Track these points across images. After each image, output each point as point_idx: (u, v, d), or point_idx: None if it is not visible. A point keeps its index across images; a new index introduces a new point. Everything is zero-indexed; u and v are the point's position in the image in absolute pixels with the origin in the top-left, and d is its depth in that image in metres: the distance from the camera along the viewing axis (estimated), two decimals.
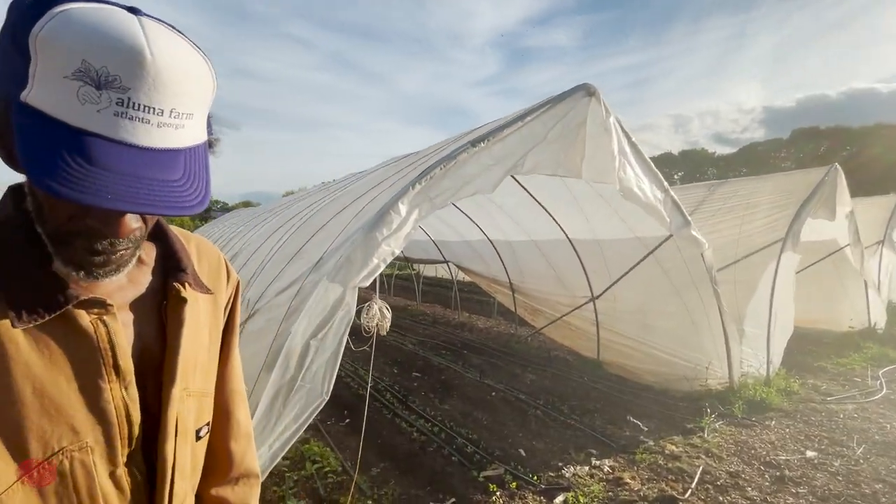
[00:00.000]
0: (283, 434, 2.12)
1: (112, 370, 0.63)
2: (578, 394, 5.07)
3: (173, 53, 0.51)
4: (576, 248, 5.70)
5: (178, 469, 0.73)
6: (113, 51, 0.46)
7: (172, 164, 0.53)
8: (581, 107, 3.22)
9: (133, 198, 0.48)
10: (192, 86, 0.53)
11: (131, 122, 0.49)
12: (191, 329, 0.75)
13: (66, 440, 0.59)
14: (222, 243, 8.18)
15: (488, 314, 10.16)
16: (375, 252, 2.37)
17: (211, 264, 0.86)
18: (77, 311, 0.61)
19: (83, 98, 0.47)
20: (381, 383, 5.39)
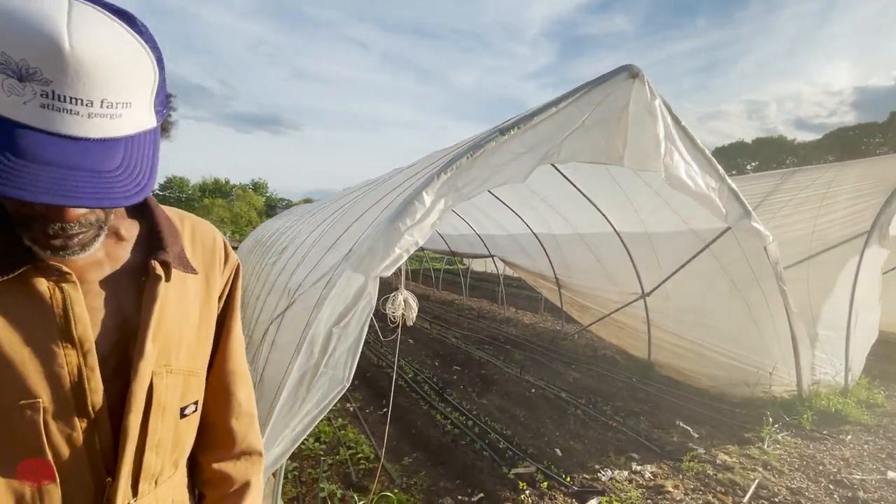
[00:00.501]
0: (304, 418, 2.17)
1: (66, 335, 0.65)
2: (624, 394, 4.82)
3: (98, 42, 0.49)
4: (624, 241, 5.41)
5: (151, 443, 0.74)
6: (30, 43, 0.46)
7: (109, 153, 0.53)
8: (623, 90, 3.02)
9: (59, 190, 0.49)
10: (122, 74, 0.52)
11: (59, 114, 0.49)
12: (171, 307, 0.76)
13: (16, 395, 0.62)
14: (278, 236, 8.62)
15: (535, 310, 9.95)
16: (398, 242, 2.37)
17: (206, 246, 0.87)
18: (37, 278, 0.64)
19: (8, 90, 0.47)
20: (420, 375, 5.43)
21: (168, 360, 0.76)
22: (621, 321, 6.18)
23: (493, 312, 10.01)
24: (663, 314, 5.45)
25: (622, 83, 3.00)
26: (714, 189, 3.48)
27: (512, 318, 9.20)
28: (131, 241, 0.76)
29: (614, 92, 3.00)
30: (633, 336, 6.05)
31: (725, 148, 51.73)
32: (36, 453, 0.64)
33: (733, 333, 4.59)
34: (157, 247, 0.76)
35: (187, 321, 0.80)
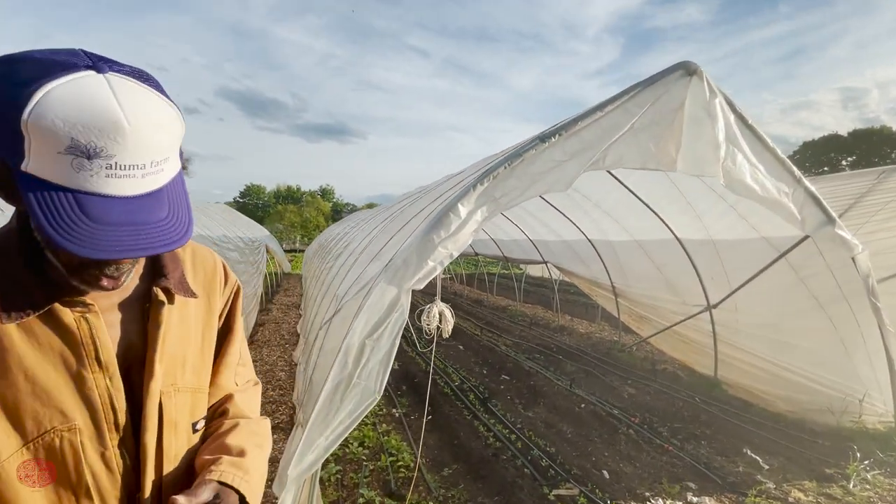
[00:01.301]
0: (337, 427, 2.21)
1: (95, 362, 0.71)
2: (684, 415, 4.47)
3: (146, 114, 0.57)
4: (686, 249, 5.03)
5: (168, 458, 0.80)
6: (96, 128, 0.53)
7: (159, 203, 0.61)
8: (677, 89, 2.80)
9: (137, 246, 0.58)
10: (165, 136, 0.59)
11: (120, 180, 0.57)
12: (174, 330, 0.81)
13: (56, 421, 0.69)
14: (336, 241, 8.99)
15: (592, 318, 9.55)
16: (431, 255, 2.35)
17: (206, 271, 0.92)
18: (62, 309, 0.69)
19: (77, 167, 0.54)
20: (466, 383, 5.38)
21: (174, 379, 0.81)
22: (684, 334, 5.75)
23: (547, 320, 9.73)
24: (732, 329, 5.00)
25: (676, 82, 2.78)
26: (787, 193, 3.12)
27: (566, 327, 8.89)
28: (139, 271, 0.80)
29: (668, 92, 2.79)
30: (697, 351, 5.60)
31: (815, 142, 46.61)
32: (75, 474, 0.70)
33: (816, 353, 4.10)
34: (159, 274, 0.81)
35: (190, 342, 0.85)
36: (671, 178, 4.22)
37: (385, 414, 4.46)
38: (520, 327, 9.04)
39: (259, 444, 0.90)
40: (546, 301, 12.26)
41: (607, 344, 7.45)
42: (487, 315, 10.43)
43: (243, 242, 8.74)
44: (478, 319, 9.76)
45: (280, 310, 9.81)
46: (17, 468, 0.67)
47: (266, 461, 0.91)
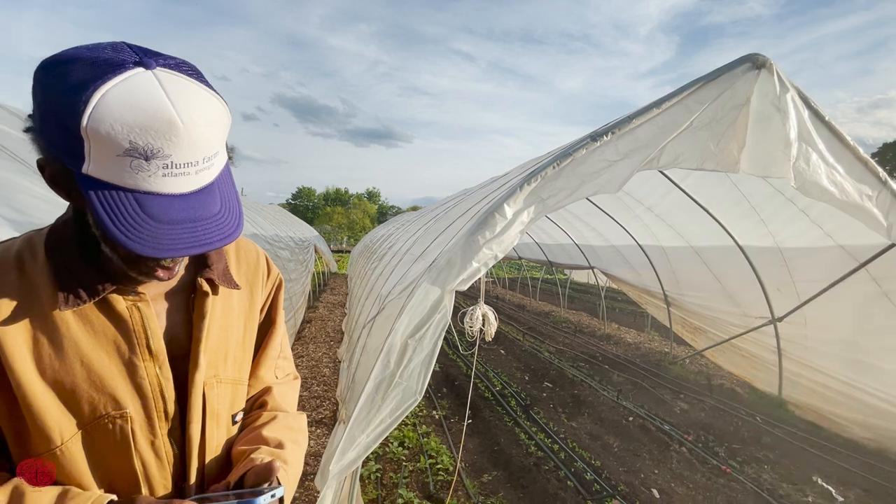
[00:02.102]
0: (378, 426, 2.21)
1: (146, 350, 0.73)
2: (744, 435, 4.15)
3: (198, 111, 0.57)
4: (748, 256, 4.68)
5: (210, 448, 0.80)
6: (152, 129, 0.54)
7: (212, 197, 0.62)
8: (743, 84, 2.61)
9: (196, 242, 0.59)
10: (215, 132, 0.60)
11: (176, 179, 0.58)
12: (217, 321, 0.82)
13: (110, 407, 0.70)
14: (380, 243, 9.16)
15: (640, 327, 9.14)
16: (475, 256, 2.30)
17: (249, 263, 0.92)
18: (116, 297, 0.71)
19: (135, 168, 0.55)
20: (508, 388, 5.28)
21: (217, 370, 0.81)
22: (744, 348, 5.36)
23: (593, 327, 9.41)
24: (800, 344, 4.60)
25: (742, 76, 2.59)
26: (870, 197, 2.82)
27: (613, 335, 8.55)
28: (185, 262, 0.81)
29: (732, 87, 2.60)
30: (758, 367, 5.20)
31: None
32: (126, 461, 0.72)
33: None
34: (203, 265, 0.81)
35: (232, 334, 0.85)
36: (733, 179, 3.95)
37: (425, 415, 4.45)
38: (563, 334, 8.79)
39: (295, 440, 0.89)
40: (591, 308, 11.88)
41: (657, 355, 7.08)
42: (530, 320, 10.23)
43: (294, 242, 9.08)
44: (520, 324, 9.59)
45: (326, 308, 10.10)
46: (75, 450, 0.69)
47: (302, 457, 0.90)
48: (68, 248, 0.70)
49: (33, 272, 0.69)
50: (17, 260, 0.70)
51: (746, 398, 5.11)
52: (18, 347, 0.66)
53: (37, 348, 0.67)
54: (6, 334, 0.65)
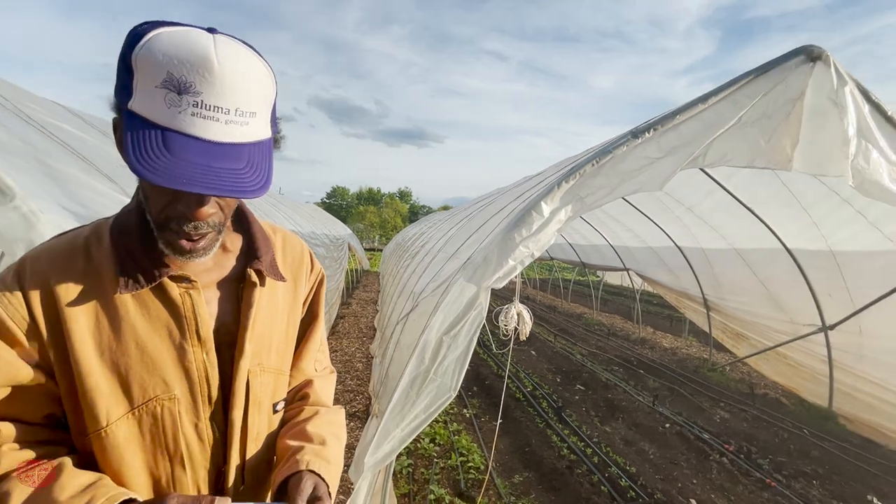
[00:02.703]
0: (413, 421, 2.23)
1: (195, 336, 0.76)
2: (790, 448, 3.95)
3: (237, 61, 0.60)
4: (797, 260, 4.45)
5: (250, 435, 0.83)
6: (188, 62, 0.57)
7: (237, 155, 0.62)
8: (797, 77, 2.48)
9: (203, 182, 0.58)
10: (253, 87, 0.62)
11: (203, 121, 0.59)
12: (263, 311, 0.84)
13: (159, 390, 0.74)
14: (413, 241, 9.24)
15: (677, 332, 8.84)
16: (511, 254, 2.29)
17: (294, 257, 0.95)
18: (170, 284, 0.75)
19: (168, 102, 0.58)
20: (539, 390, 5.22)
21: (261, 359, 0.84)
22: (791, 357, 5.10)
23: (627, 331, 9.17)
24: (854, 354, 4.34)
25: (796, 69, 2.46)
26: None
27: (648, 340, 8.30)
28: (235, 252, 0.85)
29: (784, 80, 2.48)
30: (806, 376, 4.94)
31: None
32: (173, 442, 0.75)
33: None
34: (252, 256, 0.84)
35: (277, 325, 0.88)
36: (782, 179, 3.76)
37: (456, 413, 4.46)
38: (596, 336, 8.61)
39: (336, 435, 0.90)
40: (625, 311, 11.58)
41: (695, 361, 6.84)
42: (561, 322, 10.08)
43: (329, 239, 9.29)
44: (551, 326, 9.46)
45: (359, 304, 10.28)
46: (123, 431, 0.72)
47: (343, 452, 0.92)
48: (130, 236, 0.74)
49: (99, 257, 0.73)
50: (85, 246, 0.74)
51: (793, 409, 4.86)
52: (81, 328, 0.70)
53: (98, 329, 0.71)
54: (72, 315, 0.69)
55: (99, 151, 2.98)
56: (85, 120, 3.58)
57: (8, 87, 3.01)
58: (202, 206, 0.67)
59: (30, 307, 0.68)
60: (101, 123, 3.81)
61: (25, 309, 0.68)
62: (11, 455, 0.66)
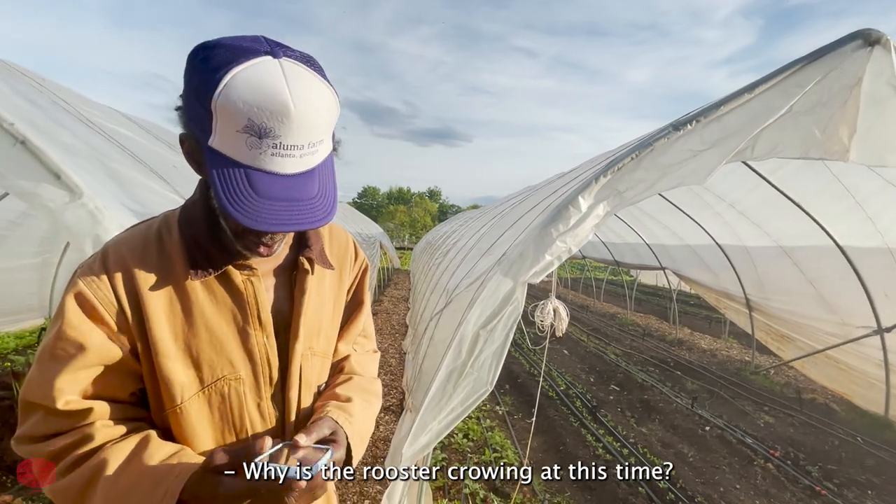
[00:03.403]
0: (450, 414, 2.25)
1: (257, 320, 0.81)
2: (842, 455, 3.75)
3: (310, 101, 0.62)
4: (850, 258, 4.22)
5: (302, 415, 0.87)
6: (268, 110, 0.59)
7: (311, 182, 0.66)
8: (853, 63, 2.35)
9: (288, 220, 0.64)
10: (323, 119, 0.64)
11: (282, 159, 0.63)
12: (314, 298, 0.88)
13: (226, 370, 0.79)
14: (444, 239, 9.29)
15: (717, 334, 8.53)
16: (548, 249, 2.27)
17: (340, 246, 0.99)
18: (234, 272, 0.80)
19: (250, 145, 0.61)
20: (572, 389, 5.16)
21: (311, 343, 0.88)
22: (842, 360, 4.84)
23: (663, 331, 8.92)
24: None
25: (851, 55, 2.34)
26: None
27: (685, 341, 8.05)
28: (288, 242, 0.89)
29: (839, 67, 2.36)
30: (859, 382, 4.67)
31: None
32: (239, 420, 0.80)
33: None
34: (304, 245, 0.88)
35: (325, 311, 0.92)
36: (833, 172, 3.57)
37: (489, 410, 4.47)
38: (630, 337, 8.41)
39: (366, 399, 0.93)
40: (661, 311, 11.25)
41: (736, 363, 6.58)
42: (594, 321, 9.90)
43: (361, 238, 9.47)
44: (583, 325, 9.31)
45: (391, 302, 10.42)
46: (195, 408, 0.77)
47: (372, 416, 0.94)
48: (197, 226, 0.79)
49: (170, 247, 0.78)
50: (157, 236, 0.80)
51: (844, 416, 4.61)
52: (157, 311, 0.75)
53: (171, 314, 0.76)
54: (149, 300, 0.75)
55: (152, 153, 3.16)
56: (138, 124, 3.79)
57: (70, 93, 3.23)
58: (276, 237, 0.75)
59: (115, 291, 0.74)
60: (152, 128, 4.03)
61: (112, 293, 0.74)
62: (105, 430, 0.71)
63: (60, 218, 1.71)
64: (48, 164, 1.70)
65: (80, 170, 1.85)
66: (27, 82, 2.60)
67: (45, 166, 1.70)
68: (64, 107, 2.70)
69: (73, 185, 1.77)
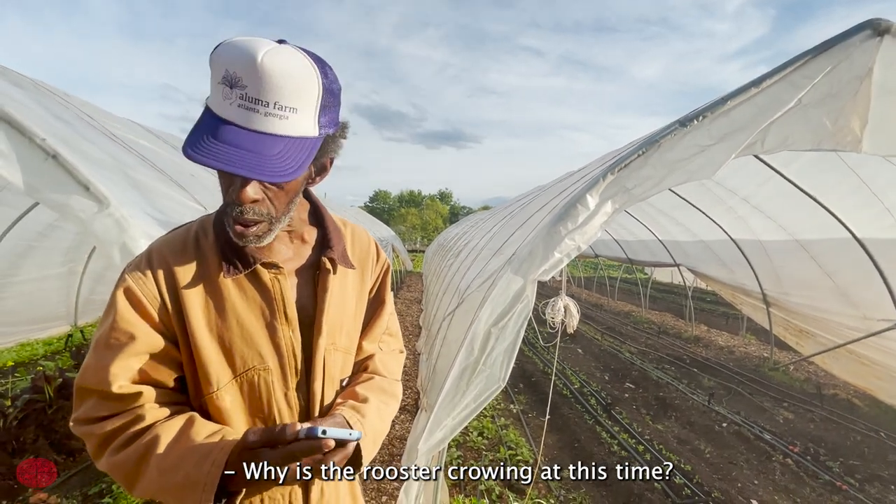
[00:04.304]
0: (463, 410, 2.29)
1: (283, 315, 0.87)
2: (864, 451, 3.69)
3: (280, 60, 0.66)
4: (869, 250, 4.15)
5: (325, 406, 0.92)
6: (239, 60, 0.66)
7: (272, 145, 0.68)
8: (862, 53, 2.34)
9: (230, 161, 0.65)
10: (291, 83, 0.67)
11: (247, 112, 0.67)
12: (336, 296, 0.94)
13: (255, 361, 0.85)
14: (455, 241, 9.34)
15: (734, 330, 8.41)
16: (557, 246, 2.30)
17: (362, 247, 1.05)
18: (262, 270, 0.86)
19: (224, 95, 0.67)
20: (587, 387, 5.15)
21: (334, 339, 0.93)
22: (864, 355, 4.74)
23: (678, 329, 8.82)
24: None
25: (861, 45, 2.32)
26: None
27: (702, 338, 7.95)
28: (311, 243, 0.96)
29: (848, 58, 2.34)
30: (882, 376, 4.58)
31: None
32: (267, 407, 0.86)
33: None
34: (326, 246, 0.94)
35: (347, 309, 0.97)
36: (849, 164, 3.52)
37: (503, 409, 4.49)
38: (645, 335, 8.35)
39: (383, 401, 0.96)
40: (676, 308, 11.13)
41: (755, 360, 6.49)
42: (608, 320, 9.84)
43: None
44: (597, 324, 9.27)
45: (404, 304, 10.50)
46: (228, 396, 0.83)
47: (388, 418, 0.97)
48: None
49: (206, 248, 0.86)
50: (195, 238, 0.87)
51: (867, 411, 4.53)
52: (194, 306, 0.82)
53: (207, 308, 0.83)
54: (188, 296, 0.82)
55: (171, 163, 3.27)
56: (157, 135, 3.92)
57: (94, 108, 3.36)
58: (244, 189, 0.73)
59: (158, 286, 0.82)
60: (170, 138, 4.16)
61: (155, 288, 0.81)
62: (154, 411, 0.79)
63: (90, 227, 1.80)
64: (78, 177, 1.79)
65: (106, 181, 1.94)
66: (55, 99, 2.72)
67: (75, 179, 1.79)
68: (89, 121, 2.82)
69: (101, 196, 1.86)
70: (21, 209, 4.74)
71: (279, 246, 0.91)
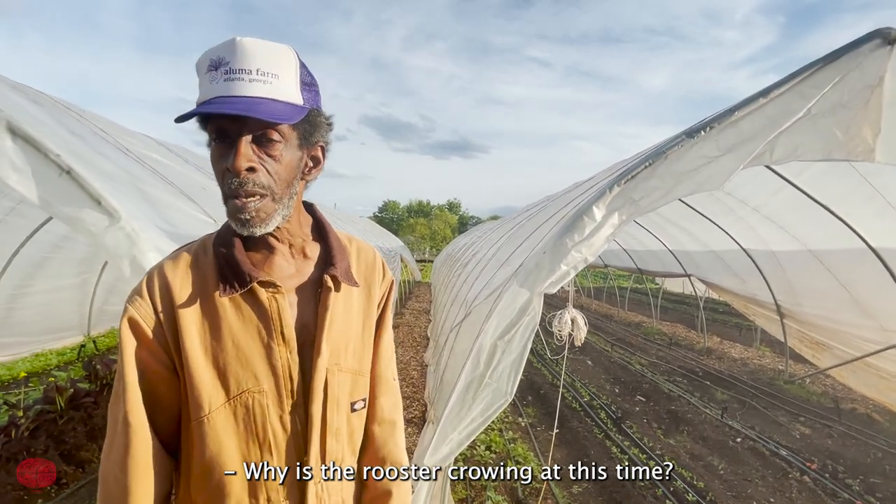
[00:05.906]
0: (470, 424, 2.26)
1: (280, 336, 0.85)
2: (885, 468, 3.57)
3: (258, 41, 0.75)
4: (885, 261, 4.06)
5: (330, 431, 0.89)
6: (221, 47, 0.74)
7: (260, 103, 0.74)
8: (872, 62, 2.31)
9: (220, 109, 0.71)
10: (271, 53, 0.75)
11: (233, 82, 0.73)
12: (339, 315, 0.91)
13: (250, 383, 0.83)
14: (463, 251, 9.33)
15: (747, 342, 8.26)
16: (564, 259, 2.28)
17: (367, 264, 1.02)
18: (259, 289, 0.85)
19: (210, 78, 0.74)
20: (596, 400, 5.07)
21: (338, 359, 0.90)
22: (883, 368, 4.62)
23: (690, 340, 8.68)
24: None
25: (871, 54, 2.29)
26: None
27: (714, 350, 7.81)
28: (314, 260, 0.94)
29: (858, 67, 2.32)
30: None
31: None
32: (262, 430, 0.84)
33: None
34: (329, 263, 0.92)
35: (352, 327, 0.94)
36: (862, 173, 3.47)
37: (511, 422, 4.44)
38: (656, 346, 8.22)
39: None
40: (688, 319, 10.97)
41: (769, 372, 6.35)
42: (618, 331, 9.72)
43: (382, 252, 9.59)
44: (607, 335, 9.16)
45: (412, 314, 10.48)
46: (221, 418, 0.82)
47: None
48: (228, 247, 0.85)
49: (204, 266, 0.85)
50: (195, 257, 0.87)
51: (887, 426, 4.39)
52: (190, 326, 0.81)
53: (203, 328, 0.82)
54: (184, 316, 0.81)
55: (182, 176, 3.32)
56: (168, 148, 4.00)
57: (107, 123, 3.44)
58: (238, 152, 0.74)
59: (156, 309, 0.81)
60: (182, 151, 4.24)
61: (153, 311, 0.81)
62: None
63: (101, 241, 1.83)
64: (90, 191, 1.82)
65: (118, 194, 1.98)
66: (71, 115, 2.79)
67: (87, 193, 1.82)
68: (103, 136, 2.89)
69: (113, 210, 1.89)
70: (38, 221, 4.85)
71: (280, 261, 0.89)
